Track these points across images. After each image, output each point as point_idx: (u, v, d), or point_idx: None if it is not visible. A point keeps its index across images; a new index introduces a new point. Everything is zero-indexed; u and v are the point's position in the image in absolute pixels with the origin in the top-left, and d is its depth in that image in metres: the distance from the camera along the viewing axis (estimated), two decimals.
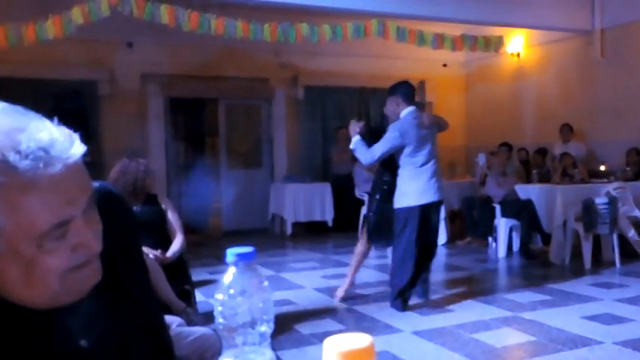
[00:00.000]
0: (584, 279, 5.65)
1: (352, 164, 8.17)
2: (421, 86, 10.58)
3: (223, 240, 8.40)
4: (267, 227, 9.43)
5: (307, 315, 4.57)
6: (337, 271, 6.27)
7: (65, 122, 0.84)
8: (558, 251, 6.37)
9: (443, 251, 7.50)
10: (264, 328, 0.78)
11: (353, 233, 8.58)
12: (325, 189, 8.95)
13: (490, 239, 7.47)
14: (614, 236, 6.17)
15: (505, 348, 3.87)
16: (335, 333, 0.69)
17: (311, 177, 9.33)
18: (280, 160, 9.81)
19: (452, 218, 8.27)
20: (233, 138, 9.63)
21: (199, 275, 5.55)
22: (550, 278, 5.75)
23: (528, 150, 9.11)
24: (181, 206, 8.30)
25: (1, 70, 7.23)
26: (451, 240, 7.94)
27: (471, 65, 10.97)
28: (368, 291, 5.30)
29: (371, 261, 7.02)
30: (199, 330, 1.95)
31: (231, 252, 0.78)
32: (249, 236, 8.54)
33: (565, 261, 6.32)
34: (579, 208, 6.16)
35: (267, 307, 0.78)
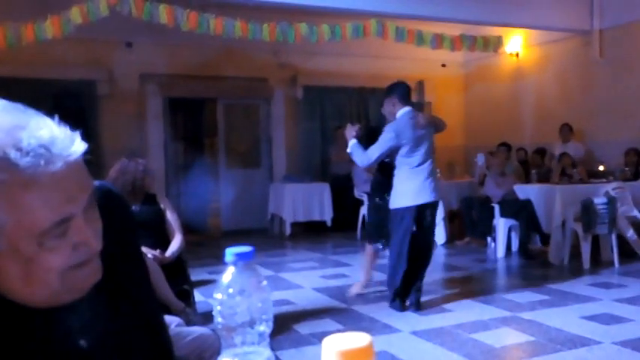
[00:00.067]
0: (583, 279, 5.65)
1: (351, 164, 8.12)
2: (420, 86, 10.63)
3: (222, 240, 8.39)
4: (266, 227, 9.42)
5: (306, 315, 4.57)
6: (336, 271, 6.27)
7: (64, 122, 0.84)
8: (557, 251, 6.37)
9: (442, 251, 7.50)
10: (262, 328, 0.78)
11: (352, 233, 8.61)
12: (324, 189, 8.95)
13: (489, 239, 7.47)
14: (612, 236, 6.17)
15: (504, 348, 3.88)
16: (334, 333, 0.69)
17: (310, 177, 9.33)
18: (279, 160, 9.81)
19: (451, 218, 8.27)
20: (232, 138, 9.63)
21: (198, 275, 5.54)
22: (549, 278, 5.75)
23: (527, 150, 9.11)
24: (180, 206, 8.30)
25: (0, 70, 7.22)
26: (450, 240, 7.94)
27: (470, 65, 10.97)
28: (367, 291, 5.29)
29: None
30: (198, 330, 1.95)
31: (230, 251, 0.78)
32: (248, 236, 8.54)
33: (564, 261, 6.32)
34: (578, 208, 6.16)
35: (265, 307, 0.78)
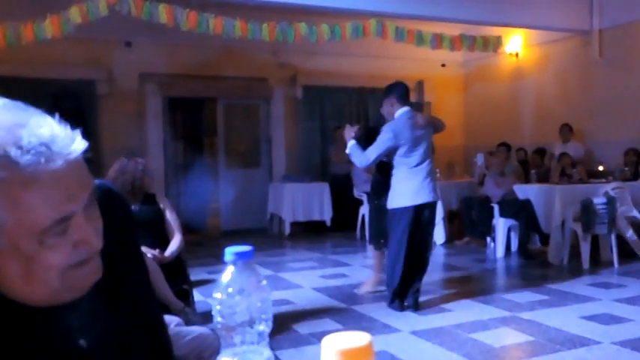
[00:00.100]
0: (582, 279, 5.65)
1: (351, 164, 8.12)
2: (420, 86, 10.63)
3: (222, 240, 8.39)
4: (265, 227, 9.42)
5: (305, 315, 4.57)
6: (336, 271, 6.27)
7: (63, 122, 0.83)
8: (557, 251, 6.37)
9: (441, 251, 7.51)
10: (262, 327, 0.78)
11: (351, 233, 8.60)
12: (324, 189, 8.95)
13: (488, 239, 7.47)
14: (612, 236, 6.17)
15: (503, 348, 3.87)
16: (333, 332, 0.69)
17: (309, 177, 9.33)
18: (279, 160, 9.81)
19: (450, 218, 8.27)
20: (231, 138, 9.62)
21: (198, 275, 5.54)
22: (548, 278, 5.75)
23: (527, 150, 9.11)
24: (180, 206, 8.30)
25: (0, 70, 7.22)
26: (449, 240, 7.93)
27: (470, 65, 10.97)
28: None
29: (369, 261, 7.03)
30: (197, 329, 1.94)
31: (229, 251, 0.78)
32: (247, 236, 8.54)
33: (563, 261, 6.32)
34: (578, 208, 6.16)
35: (265, 306, 0.78)
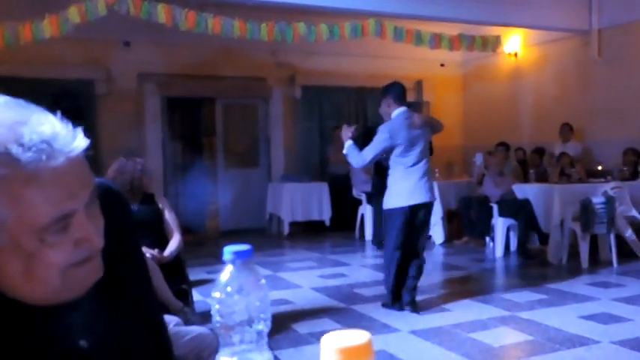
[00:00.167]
0: (581, 278, 5.66)
1: (349, 164, 8.15)
2: (418, 86, 10.64)
3: (221, 240, 8.39)
4: (264, 227, 9.42)
5: (304, 314, 4.57)
6: (335, 271, 6.27)
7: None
8: (556, 251, 6.37)
9: (440, 251, 7.51)
10: (261, 327, 0.77)
11: (350, 233, 8.61)
12: (322, 188, 8.94)
13: (487, 239, 7.47)
14: (611, 236, 6.17)
15: (502, 347, 3.87)
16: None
17: (308, 176, 9.33)
18: (277, 160, 9.81)
19: (449, 218, 8.27)
20: (230, 137, 9.62)
21: (197, 274, 5.54)
22: (547, 278, 5.75)
23: (526, 150, 9.11)
24: (179, 206, 8.29)
25: None
26: (448, 239, 7.94)
27: (469, 65, 10.97)
28: (365, 290, 5.30)
29: (368, 260, 7.04)
30: (196, 329, 1.94)
31: (228, 249, 0.78)
32: (246, 236, 8.53)
33: (562, 260, 6.32)
34: (577, 208, 6.17)
35: (264, 306, 0.78)
